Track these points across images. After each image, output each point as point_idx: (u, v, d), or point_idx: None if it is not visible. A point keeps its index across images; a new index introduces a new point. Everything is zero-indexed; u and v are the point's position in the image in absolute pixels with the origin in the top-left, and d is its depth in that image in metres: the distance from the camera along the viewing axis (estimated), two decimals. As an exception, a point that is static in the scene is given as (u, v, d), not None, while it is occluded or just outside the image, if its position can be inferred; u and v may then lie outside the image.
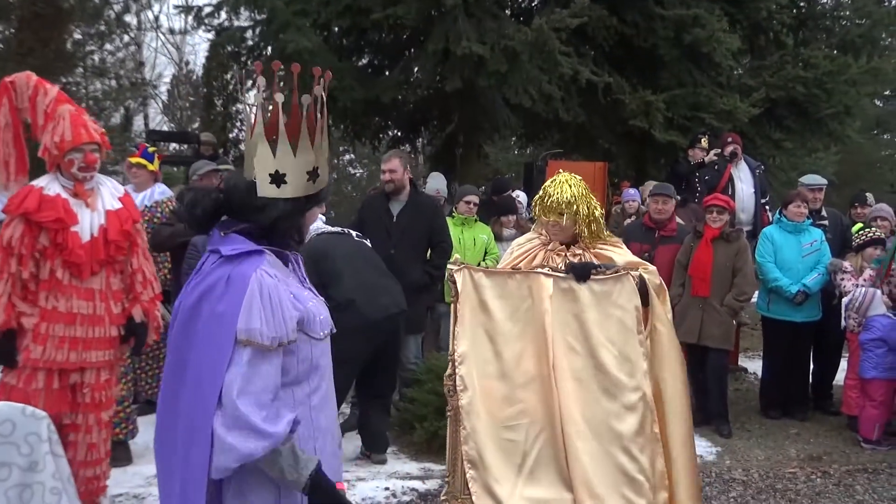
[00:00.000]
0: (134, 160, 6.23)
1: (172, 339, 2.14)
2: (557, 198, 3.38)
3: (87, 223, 3.86)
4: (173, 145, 17.39)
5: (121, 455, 5.20)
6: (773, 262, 6.57)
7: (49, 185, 3.84)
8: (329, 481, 2.12)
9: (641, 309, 3.31)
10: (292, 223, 2.22)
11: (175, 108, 23.92)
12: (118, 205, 4.00)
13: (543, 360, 3.27)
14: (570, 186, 3.42)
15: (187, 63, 24.07)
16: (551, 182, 3.48)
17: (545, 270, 3.34)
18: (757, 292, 6.81)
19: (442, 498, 3.24)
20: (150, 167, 6.20)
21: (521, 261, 3.50)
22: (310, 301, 2.21)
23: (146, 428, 5.96)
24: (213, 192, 2.25)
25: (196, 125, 18.73)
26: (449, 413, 3.27)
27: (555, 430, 3.22)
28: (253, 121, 2.13)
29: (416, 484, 5.01)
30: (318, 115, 2.14)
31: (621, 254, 3.49)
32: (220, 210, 2.23)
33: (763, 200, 8.41)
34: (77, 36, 20.72)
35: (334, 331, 2.32)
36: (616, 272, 3.30)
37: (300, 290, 2.22)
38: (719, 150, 8.29)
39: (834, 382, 7.12)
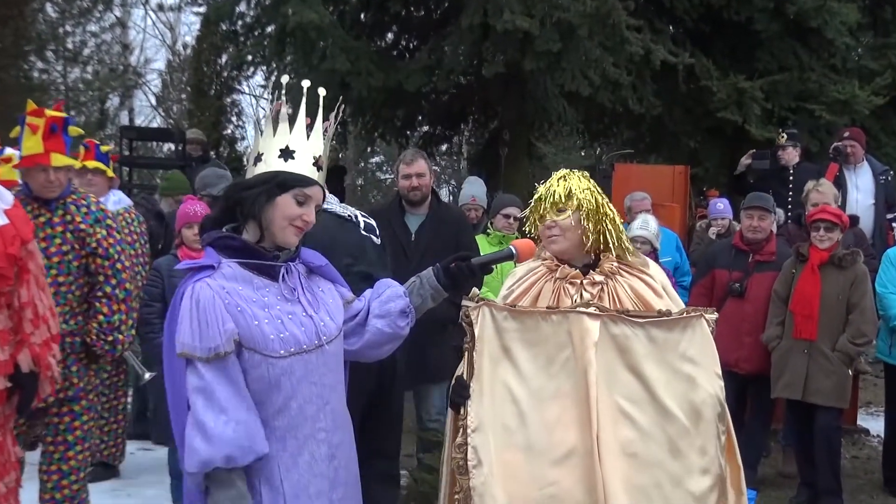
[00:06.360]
0: (91, 164, 6.12)
1: None
2: (554, 190, 3.16)
3: None
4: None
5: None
6: (896, 294, 6.23)
7: None
8: None
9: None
10: (253, 204, 2.59)
11: (169, 100, 24.17)
12: (4, 220, 3.77)
13: (585, 428, 2.98)
14: (569, 179, 3.21)
15: (185, 46, 23.96)
16: (551, 179, 3.28)
17: (591, 310, 3.07)
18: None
19: None
20: (109, 172, 6.11)
21: (521, 299, 3.22)
22: (268, 318, 2.56)
23: (102, 498, 5.77)
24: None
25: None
26: (457, 496, 3.01)
27: (597, 523, 2.95)
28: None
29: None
30: (297, 107, 2.68)
31: (656, 286, 3.21)
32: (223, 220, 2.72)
33: (890, 216, 8.10)
34: (52, 14, 21.04)
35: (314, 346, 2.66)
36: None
37: (270, 304, 2.59)
38: (835, 145, 8.06)
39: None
